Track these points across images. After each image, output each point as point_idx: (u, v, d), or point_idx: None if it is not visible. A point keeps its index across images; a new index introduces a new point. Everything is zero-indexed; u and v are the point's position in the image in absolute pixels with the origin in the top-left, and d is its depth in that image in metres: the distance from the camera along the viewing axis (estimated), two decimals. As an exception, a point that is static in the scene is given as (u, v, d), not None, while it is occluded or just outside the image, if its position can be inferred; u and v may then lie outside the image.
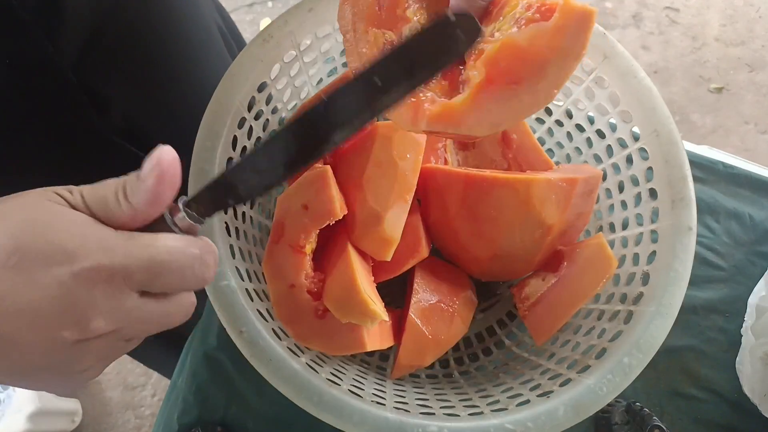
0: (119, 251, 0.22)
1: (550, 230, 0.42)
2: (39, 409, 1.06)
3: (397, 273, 0.45)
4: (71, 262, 0.21)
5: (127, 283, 0.23)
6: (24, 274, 0.21)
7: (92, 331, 0.22)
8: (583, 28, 0.26)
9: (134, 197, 0.24)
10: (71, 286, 0.21)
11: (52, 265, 0.21)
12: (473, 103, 0.27)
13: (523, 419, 0.35)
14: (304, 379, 0.36)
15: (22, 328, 0.21)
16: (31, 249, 0.21)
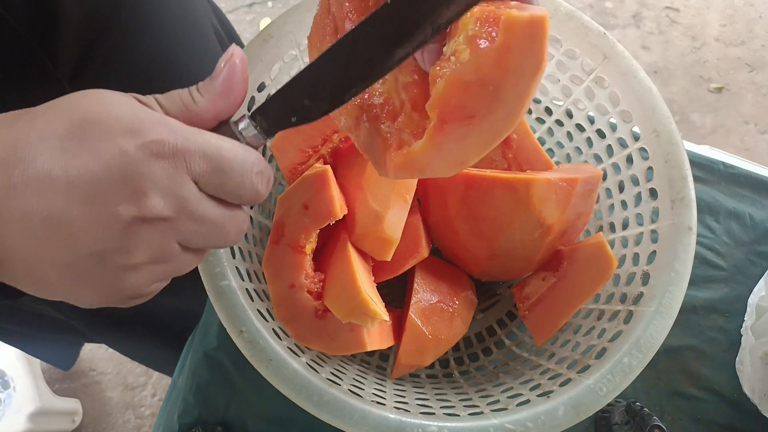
0: (184, 134, 0.22)
1: (550, 230, 0.42)
2: (39, 408, 1.06)
3: (397, 273, 0.45)
4: (135, 135, 0.21)
5: (187, 166, 0.22)
6: (86, 143, 0.21)
7: (148, 209, 0.21)
8: (535, 39, 0.23)
9: (207, 91, 0.24)
10: (133, 156, 0.21)
11: (116, 136, 0.21)
12: (433, 148, 0.26)
13: (523, 419, 0.35)
14: (304, 379, 0.36)
15: (76, 201, 0.21)
16: (97, 121, 0.21)
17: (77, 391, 1.23)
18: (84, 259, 0.22)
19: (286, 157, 0.44)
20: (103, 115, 0.21)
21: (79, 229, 0.21)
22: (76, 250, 0.22)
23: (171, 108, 0.24)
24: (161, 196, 0.22)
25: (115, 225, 0.21)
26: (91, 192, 0.21)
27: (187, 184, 0.23)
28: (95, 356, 1.26)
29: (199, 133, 0.23)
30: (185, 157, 0.22)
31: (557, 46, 0.45)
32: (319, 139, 0.44)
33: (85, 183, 0.21)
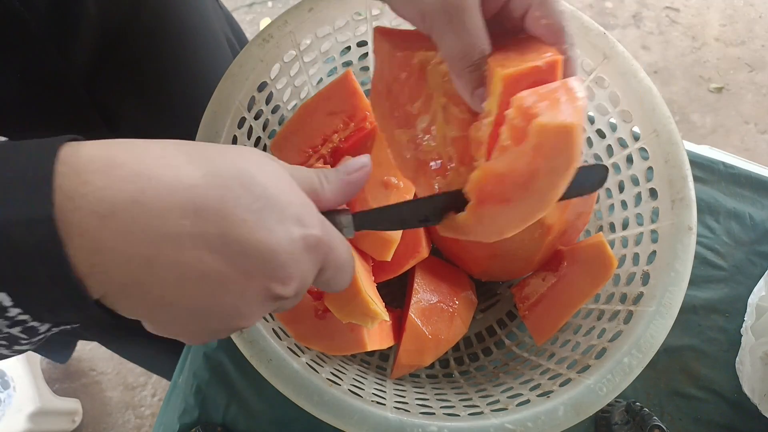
0: (331, 233, 0.25)
1: (549, 230, 0.42)
2: (39, 408, 1.06)
3: (398, 273, 0.45)
4: (303, 225, 0.23)
5: (322, 261, 0.25)
6: (264, 221, 0.22)
7: (286, 291, 0.24)
8: (566, 144, 0.24)
9: (331, 185, 0.27)
10: (298, 245, 0.23)
11: (287, 221, 0.23)
12: (473, 220, 0.29)
13: (523, 419, 0.35)
14: (304, 379, 0.36)
15: (239, 269, 0.22)
16: (274, 201, 0.23)
17: (77, 391, 1.23)
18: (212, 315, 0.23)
19: (286, 156, 0.44)
20: (280, 196, 0.23)
21: (230, 292, 0.22)
22: (212, 306, 0.23)
23: (303, 188, 0.26)
24: (299, 282, 0.24)
25: (257, 298, 0.23)
26: (255, 266, 0.22)
27: (314, 271, 0.25)
28: (95, 356, 1.26)
29: (335, 231, 0.26)
30: (326, 254, 0.25)
31: (557, 46, 0.45)
32: (319, 139, 0.44)
33: (253, 257, 0.22)
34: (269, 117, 0.46)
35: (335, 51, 0.47)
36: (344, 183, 0.28)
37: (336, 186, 0.28)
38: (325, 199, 0.27)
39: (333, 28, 0.44)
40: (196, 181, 0.21)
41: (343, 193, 0.28)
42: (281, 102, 0.47)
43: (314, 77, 0.48)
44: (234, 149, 0.24)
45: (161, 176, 0.21)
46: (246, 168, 0.23)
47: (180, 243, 0.21)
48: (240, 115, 0.41)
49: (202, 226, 0.21)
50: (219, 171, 0.22)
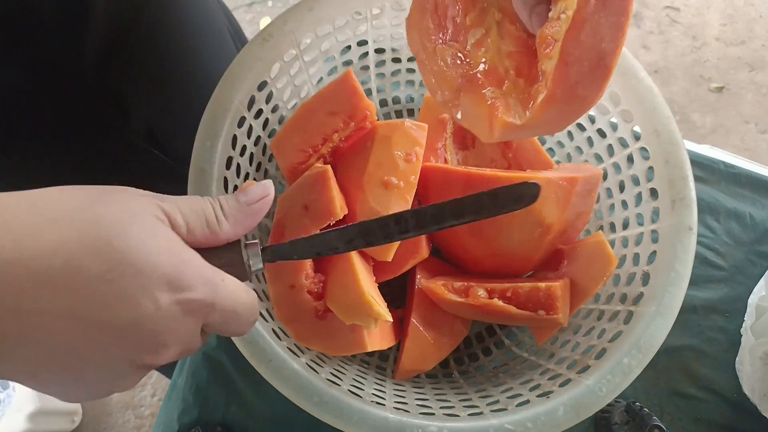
0: (213, 289, 0.23)
1: (549, 229, 0.42)
2: (39, 408, 1.06)
3: (398, 273, 0.45)
4: (173, 289, 0.21)
5: (204, 318, 0.23)
6: (120, 291, 0.20)
7: (162, 359, 0.22)
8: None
9: (231, 219, 0.26)
10: (166, 311, 0.21)
11: (152, 287, 0.21)
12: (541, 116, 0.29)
13: (522, 419, 0.35)
14: (304, 379, 0.36)
15: (100, 344, 0.21)
16: (135, 268, 0.21)
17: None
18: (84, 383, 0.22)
19: (286, 156, 0.44)
20: (141, 262, 0.21)
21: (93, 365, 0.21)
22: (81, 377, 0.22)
23: (194, 225, 0.24)
24: (177, 346, 0.23)
25: (129, 368, 0.22)
26: (115, 340, 0.21)
27: (199, 330, 0.24)
28: (95, 356, 1.26)
29: (222, 283, 0.24)
30: (208, 314, 0.23)
31: (557, 46, 0.45)
32: (319, 139, 0.44)
33: (110, 331, 0.21)
34: (269, 116, 0.46)
35: (335, 50, 0.47)
36: (244, 214, 0.26)
37: (235, 218, 0.26)
38: (224, 233, 0.26)
39: (333, 27, 0.44)
40: (50, 252, 0.20)
41: (243, 224, 0.26)
42: (281, 101, 0.47)
43: (314, 76, 0.48)
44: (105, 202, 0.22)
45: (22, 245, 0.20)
46: (105, 232, 0.21)
47: (40, 319, 0.20)
48: (240, 115, 0.41)
49: (56, 302, 0.20)
50: (69, 237, 0.20)
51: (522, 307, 0.41)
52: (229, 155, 0.41)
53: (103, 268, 0.20)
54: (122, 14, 0.43)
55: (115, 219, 0.21)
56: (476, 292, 0.42)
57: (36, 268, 0.19)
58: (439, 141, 0.49)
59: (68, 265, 0.20)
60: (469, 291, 0.43)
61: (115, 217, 0.21)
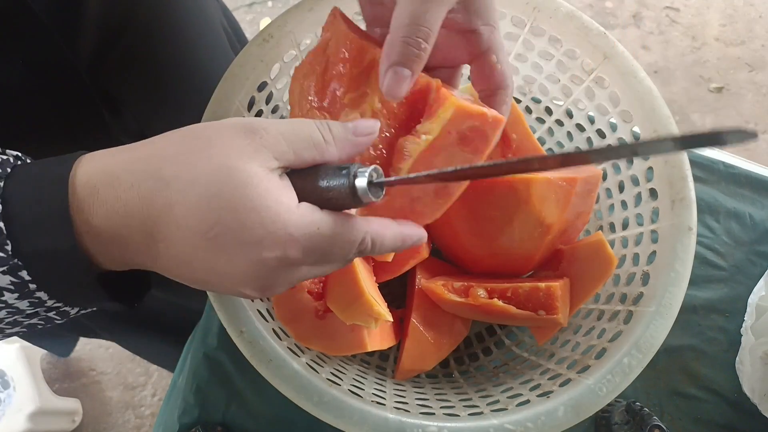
0: (302, 242, 0.25)
1: (549, 229, 0.42)
2: (39, 408, 1.06)
3: (398, 273, 0.45)
4: (260, 248, 0.24)
5: (302, 263, 0.26)
6: (220, 248, 0.24)
7: (273, 293, 0.27)
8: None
9: (337, 140, 0.27)
10: (258, 267, 0.25)
11: (244, 246, 0.24)
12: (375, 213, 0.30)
13: (523, 419, 0.35)
14: (304, 379, 0.36)
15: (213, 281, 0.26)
16: (228, 227, 0.24)
17: (77, 391, 1.23)
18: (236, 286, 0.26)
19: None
20: (235, 221, 0.24)
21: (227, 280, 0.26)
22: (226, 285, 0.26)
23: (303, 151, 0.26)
24: (281, 287, 0.27)
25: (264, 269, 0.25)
26: (227, 281, 0.25)
27: (301, 270, 0.27)
28: (95, 356, 1.26)
29: (317, 233, 0.25)
30: (303, 262, 0.26)
31: (557, 46, 0.45)
32: (319, 139, 0.44)
33: (224, 275, 0.25)
34: (269, 116, 0.46)
35: (335, 51, 0.47)
36: (350, 142, 0.27)
37: (342, 143, 0.27)
38: (330, 155, 0.27)
39: (333, 28, 0.44)
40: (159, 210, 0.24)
41: (347, 151, 0.27)
42: (281, 102, 0.47)
43: (314, 77, 0.48)
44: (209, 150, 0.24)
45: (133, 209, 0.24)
46: (204, 187, 0.24)
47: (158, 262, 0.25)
48: (240, 115, 0.41)
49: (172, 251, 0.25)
50: (174, 199, 0.24)
51: (522, 307, 0.41)
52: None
53: (209, 224, 0.24)
54: (116, 13, 0.43)
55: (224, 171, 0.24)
56: (476, 292, 0.42)
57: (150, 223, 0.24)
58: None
59: (174, 221, 0.24)
60: (469, 291, 0.43)
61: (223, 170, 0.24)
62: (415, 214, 0.31)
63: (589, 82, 0.45)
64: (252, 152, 0.24)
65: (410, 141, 0.31)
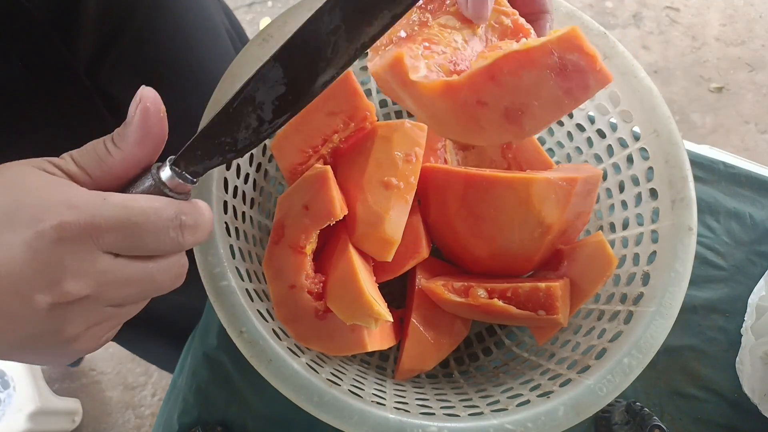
0: (86, 209, 0.22)
1: (549, 229, 0.42)
2: (39, 408, 1.06)
3: (398, 273, 0.45)
4: (36, 221, 0.21)
5: (96, 243, 0.22)
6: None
7: (66, 294, 0.22)
8: None
9: (122, 141, 0.24)
10: (37, 246, 0.21)
11: (17, 226, 0.21)
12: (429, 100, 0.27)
13: (523, 419, 0.35)
14: (304, 379, 0.36)
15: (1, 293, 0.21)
16: (4, 211, 0.21)
17: (77, 390, 1.23)
18: (25, 339, 0.22)
19: (286, 157, 0.44)
20: (10, 204, 0.21)
21: (9, 318, 0.22)
22: (15, 334, 0.22)
23: (86, 164, 0.24)
24: (76, 279, 0.22)
25: (39, 313, 0.22)
26: (8, 285, 0.21)
27: (100, 258, 0.22)
28: (95, 356, 1.26)
29: (104, 202, 0.22)
30: (91, 233, 0.22)
31: (557, 46, 0.45)
32: (319, 140, 0.44)
33: (3, 276, 0.21)
34: (269, 117, 0.46)
35: (335, 51, 0.47)
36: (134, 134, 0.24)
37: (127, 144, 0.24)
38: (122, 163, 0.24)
39: (333, 28, 0.44)
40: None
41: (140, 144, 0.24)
42: (281, 102, 0.47)
43: (314, 77, 0.48)
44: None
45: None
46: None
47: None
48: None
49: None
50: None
51: (522, 307, 0.41)
52: (230, 155, 0.41)
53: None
54: (115, 13, 0.43)
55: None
56: (476, 292, 0.42)
57: None
58: (439, 141, 0.49)
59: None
60: (469, 291, 0.43)
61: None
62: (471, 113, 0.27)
63: (589, 82, 0.45)
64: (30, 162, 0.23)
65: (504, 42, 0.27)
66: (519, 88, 0.24)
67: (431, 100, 0.24)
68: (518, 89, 0.24)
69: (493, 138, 0.27)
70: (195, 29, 0.53)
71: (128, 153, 0.24)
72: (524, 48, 0.23)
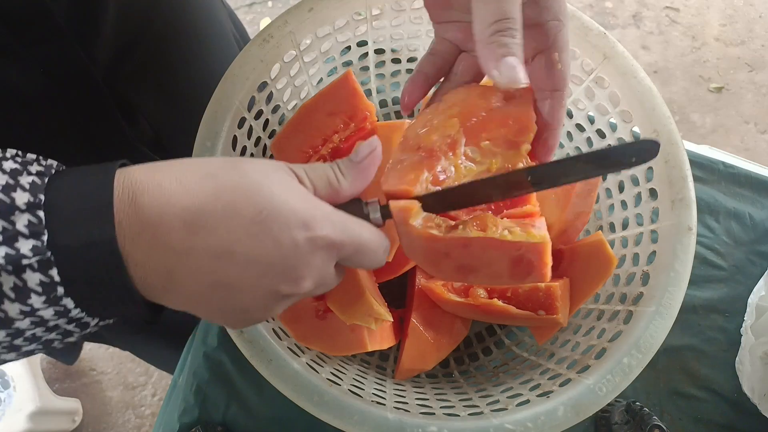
0: (340, 228, 0.27)
1: (549, 229, 0.42)
2: (39, 408, 1.06)
3: (398, 273, 0.45)
4: (307, 228, 0.25)
5: (337, 254, 0.27)
6: (268, 232, 0.25)
7: (301, 289, 0.26)
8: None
9: (348, 173, 0.29)
10: (302, 248, 0.25)
11: (292, 228, 0.25)
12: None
13: (522, 419, 0.35)
14: (304, 379, 0.36)
15: (249, 275, 0.25)
16: (277, 210, 0.25)
17: (77, 390, 1.23)
18: (234, 312, 0.27)
19: (286, 157, 0.44)
20: (283, 206, 0.25)
21: (239, 294, 0.25)
22: (231, 306, 0.26)
23: (319, 186, 0.28)
24: (312, 279, 0.27)
25: (271, 296, 0.26)
26: (264, 271, 0.25)
27: (332, 266, 0.28)
28: (95, 356, 1.26)
29: (349, 222, 0.27)
30: (338, 248, 0.27)
31: (557, 46, 0.45)
32: (319, 140, 0.44)
33: (262, 264, 0.25)
34: (269, 117, 0.46)
35: (335, 51, 0.47)
36: (357, 171, 0.29)
37: (351, 175, 0.29)
38: (344, 191, 0.29)
39: (333, 27, 0.44)
40: (204, 199, 0.24)
41: (358, 180, 0.29)
42: (281, 102, 0.47)
43: (314, 77, 0.48)
44: (246, 163, 0.26)
45: (176, 199, 0.24)
46: (252, 181, 0.25)
47: (191, 256, 0.24)
48: (240, 115, 0.41)
49: (212, 240, 0.24)
50: (226, 187, 0.25)
51: (522, 306, 0.41)
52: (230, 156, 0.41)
53: (254, 210, 0.24)
54: (133, 21, 0.43)
55: (261, 173, 0.26)
56: (476, 292, 0.42)
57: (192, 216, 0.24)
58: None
59: (228, 209, 0.24)
60: (469, 291, 0.43)
61: (260, 172, 0.26)
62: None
63: (589, 82, 0.45)
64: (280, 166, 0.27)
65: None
66: (479, 258, 0.29)
67: (415, 237, 0.29)
68: (478, 259, 0.29)
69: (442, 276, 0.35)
70: (207, 38, 0.53)
71: (352, 184, 0.29)
72: (500, 238, 0.29)
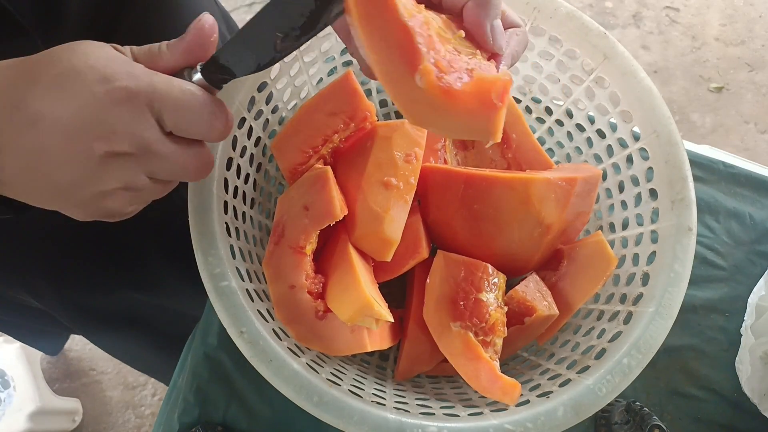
0: (144, 79, 0.26)
1: (549, 229, 0.42)
2: (39, 408, 1.06)
3: (398, 274, 0.45)
4: (106, 81, 0.25)
5: (148, 108, 0.26)
6: (68, 90, 0.25)
7: (117, 144, 0.26)
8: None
9: (173, 47, 0.28)
10: (104, 101, 0.25)
11: (90, 83, 0.25)
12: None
13: (522, 419, 0.35)
14: (304, 379, 0.36)
15: (59, 136, 0.25)
16: (75, 70, 0.25)
17: (77, 390, 1.23)
18: (66, 186, 0.27)
19: (286, 157, 0.44)
20: (82, 64, 0.25)
21: (60, 161, 0.26)
22: (58, 178, 0.26)
23: (140, 56, 0.28)
24: (128, 135, 0.26)
25: (89, 158, 0.26)
26: (71, 129, 0.25)
27: (151, 126, 0.27)
28: (95, 356, 1.26)
29: (157, 77, 0.27)
30: (145, 100, 0.26)
31: (557, 46, 0.45)
32: (319, 140, 0.44)
33: (66, 122, 0.25)
34: (269, 117, 0.46)
35: (335, 51, 0.47)
36: (186, 44, 0.29)
37: (177, 50, 0.28)
38: (164, 58, 0.28)
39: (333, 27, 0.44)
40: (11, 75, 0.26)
41: (186, 53, 0.28)
42: (281, 102, 0.47)
43: (314, 77, 0.48)
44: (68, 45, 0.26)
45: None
46: (54, 50, 0.26)
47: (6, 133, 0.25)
48: (240, 115, 0.41)
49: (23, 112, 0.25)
50: (30, 59, 0.26)
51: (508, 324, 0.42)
52: (230, 156, 0.41)
53: (54, 75, 0.25)
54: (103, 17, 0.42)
55: (68, 45, 0.26)
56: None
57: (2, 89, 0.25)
58: (439, 141, 0.49)
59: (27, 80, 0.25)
60: None
61: (67, 45, 0.26)
62: None
63: (589, 82, 0.45)
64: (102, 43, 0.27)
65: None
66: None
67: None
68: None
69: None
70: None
71: (175, 57, 0.28)
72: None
